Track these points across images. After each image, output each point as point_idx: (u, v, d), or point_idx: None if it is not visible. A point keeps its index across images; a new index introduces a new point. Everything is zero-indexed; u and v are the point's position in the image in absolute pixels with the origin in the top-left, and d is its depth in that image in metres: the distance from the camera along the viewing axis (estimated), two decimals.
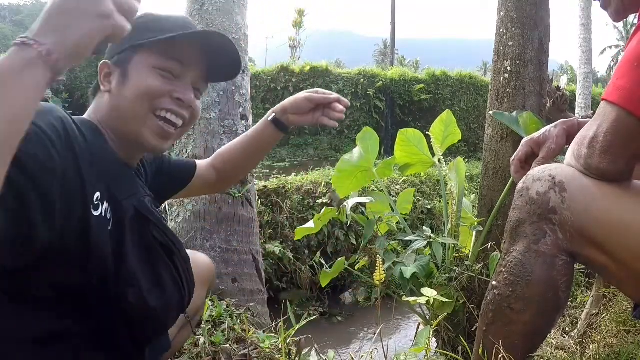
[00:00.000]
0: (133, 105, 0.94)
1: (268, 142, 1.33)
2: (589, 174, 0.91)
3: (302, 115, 1.27)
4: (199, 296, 1.28)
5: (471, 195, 4.93)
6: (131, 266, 0.87)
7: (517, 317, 0.98)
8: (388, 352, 1.43)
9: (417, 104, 11.64)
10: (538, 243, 0.95)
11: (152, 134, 0.96)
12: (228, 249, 2.37)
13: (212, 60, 1.04)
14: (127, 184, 0.95)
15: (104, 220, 0.83)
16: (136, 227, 0.91)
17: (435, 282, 1.70)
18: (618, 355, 1.23)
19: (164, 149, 1.00)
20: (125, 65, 0.95)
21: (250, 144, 1.34)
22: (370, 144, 2.00)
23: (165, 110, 0.96)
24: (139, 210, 0.92)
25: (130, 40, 0.93)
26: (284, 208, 4.49)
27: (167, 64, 0.96)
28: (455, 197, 1.85)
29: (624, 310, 1.46)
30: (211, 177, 1.37)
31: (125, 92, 0.94)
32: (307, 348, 1.56)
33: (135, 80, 0.94)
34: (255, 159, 1.42)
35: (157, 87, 0.94)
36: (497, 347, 0.99)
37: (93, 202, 0.80)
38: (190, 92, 1.00)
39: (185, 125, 1.02)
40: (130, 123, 0.95)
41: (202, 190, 1.48)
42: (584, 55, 8.99)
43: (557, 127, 1.19)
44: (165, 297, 0.93)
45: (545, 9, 1.83)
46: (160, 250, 0.95)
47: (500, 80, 1.84)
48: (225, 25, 2.54)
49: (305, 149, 10.89)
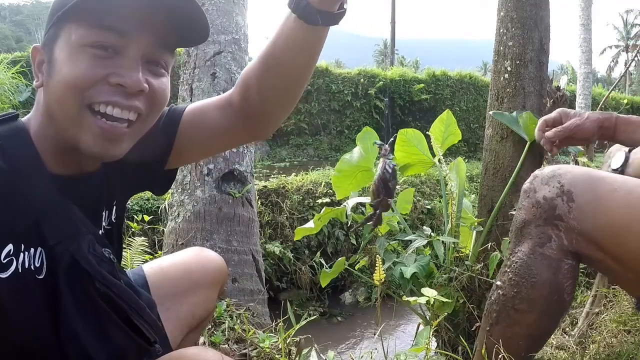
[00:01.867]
0: (61, 103, 0.70)
1: (295, 43, 0.79)
2: None
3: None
4: (209, 298, 1.20)
5: (471, 195, 4.92)
6: (69, 320, 0.72)
7: (521, 318, 0.98)
8: (388, 352, 1.43)
9: (417, 104, 11.64)
10: (543, 246, 0.94)
11: (93, 138, 0.71)
12: (228, 249, 2.38)
13: (169, 19, 0.73)
14: (63, 221, 0.73)
15: (26, 275, 0.68)
16: (74, 277, 0.73)
17: (435, 282, 1.70)
18: (618, 355, 1.23)
19: (118, 153, 0.75)
20: (52, 48, 0.71)
21: (273, 50, 0.81)
22: (370, 144, 2.00)
23: (104, 103, 0.70)
24: (75, 259, 0.73)
25: (56, 11, 0.70)
26: (284, 208, 4.50)
27: (99, 37, 0.68)
28: (455, 197, 1.85)
29: (624, 310, 1.46)
30: (230, 114, 0.91)
31: (51, 85, 0.71)
32: (307, 348, 1.56)
33: (59, 67, 0.69)
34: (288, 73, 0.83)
35: (85, 72, 0.68)
36: (498, 347, 0.99)
37: (1, 261, 0.65)
38: (136, 71, 0.71)
39: (146, 117, 0.76)
40: (64, 126, 0.72)
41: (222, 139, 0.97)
42: (584, 55, 8.99)
43: (594, 114, 1.19)
44: (116, 350, 0.77)
45: (545, 9, 1.83)
46: (103, 304, 0.76)
47: (500, 80, 1.84)
48: (226, 25, 2.54)
49: (305, 149, 10.88)
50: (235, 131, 0.94)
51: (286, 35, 0.77)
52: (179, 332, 1.12)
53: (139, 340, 0.81)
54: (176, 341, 1.10)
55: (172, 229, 2.43)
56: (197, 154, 1.04)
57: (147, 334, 0.82)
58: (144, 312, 0.83)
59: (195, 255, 1.23)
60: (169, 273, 1.15)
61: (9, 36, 58.77)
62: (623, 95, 18.90)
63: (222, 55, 2.51)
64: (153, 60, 0.74)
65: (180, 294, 1.13)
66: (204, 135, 0.94)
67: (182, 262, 1.20)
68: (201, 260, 1.22)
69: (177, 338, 1.11)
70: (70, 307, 0.73)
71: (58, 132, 0.73)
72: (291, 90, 0.87)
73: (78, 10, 0.67)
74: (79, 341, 0.73)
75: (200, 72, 2.51)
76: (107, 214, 0.90)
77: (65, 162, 0.77)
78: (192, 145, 0.94)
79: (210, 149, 1.06)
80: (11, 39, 55.48)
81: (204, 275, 1.19)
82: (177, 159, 0.96)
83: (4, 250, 0.66)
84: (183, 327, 1.13)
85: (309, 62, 0.82)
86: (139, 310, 0.82)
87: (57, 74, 0.70)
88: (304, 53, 0.80)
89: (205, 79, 2.49)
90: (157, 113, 0.79)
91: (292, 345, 1.60)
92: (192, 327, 1.17)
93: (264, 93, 0.86)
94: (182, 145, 0.93)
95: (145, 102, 0.74)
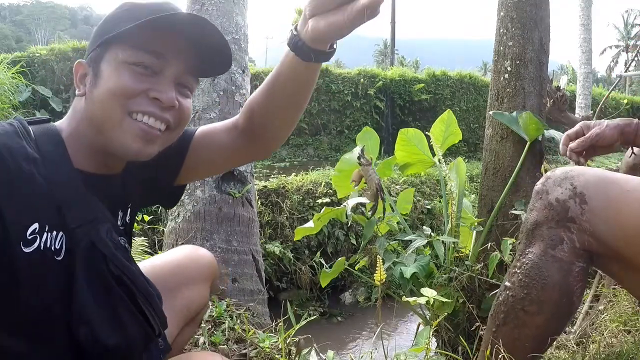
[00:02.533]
0: (105, 108, 0.82)
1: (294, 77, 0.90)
2: None
3: (328, 15, 0.78)
4: (202, 293, 1.25)
5: (471, 196, 4.93)
6: (82, 303, 0.78)
7: (530, 319, 0.98)
8: (388, 352, 1.43)
9: (417, 104, 11.64)
10: (555, 248, 0.94)
11: (133, 137, 0.83)
12: (228, 249, 2.38)
13: (199, 51, 0.87)
14: (84, 208, 0.82)
15: (46, 254, 0.75)
16: (91, 260, 0.80)
17: (435, 282, 1.70)
18: (618, 355, 1.22)
19: (151, 152, 0.86)
20: (98, 64, 0.83)
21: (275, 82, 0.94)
22: (370, 144, 2.00)
23: (142, 113, 0.83)
24: (93, 242, 0.81)
25: (103, 34, 0.83)
26: (284, 208, 4.50)
27: (141, 58, 0.82)
28: (455, 197, 1.85)
29: (624, 310, 1.46)
30: (236, 136, 1.04)
31: (96, 94, 0.83)
32: (307, 348, 1.56)
33: (106, 80, 0.82)
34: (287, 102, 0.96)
35: (129, 85, 0.81)
36: (498, 347, 0.99)
37: (25, 237, 0.72)
38: (171, 90, 0.84)
39: (173, 130, 0.89)
40: (105, 129, 0.83)
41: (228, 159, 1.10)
42: (584, 55, 9.00)
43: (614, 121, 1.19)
44: (126, 336, 0.83)
45: (545, 9, 1.83)
46: (117, 287, 0.83)
47: (500, 80, 1.84)
48: (225, 26, 2.54)
49: (305, 149, 10.88)
50: (240, 151, 1.07)
51: (285, 68, 0.90)
52: (175, 326, 1.15)
53: (147, 328, 0.87)
54: (172, 335, 1.14)
55: (172, 229, 2.43)
56: (204, 171, 1.21)
57: (153, 322, 0.87)
58: (153, 300, 0.89)
59: (187, 252, 1.30)
60: (163, 270, 1.20)
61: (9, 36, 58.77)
62: (623, 95, 18.90)
63: None
64: (182, 83, 0.87)
65: (175, 289, 1.18)
66: (212, 155, 1.06)
67: (175, 259, 1.26)
68: (193, 257, 1.27)
69: (173, 332, 1.15)
70: (85, 289, 0.79)
71: (98, 133, 0.84)
72: (290, 115, 1.00)
73: (126, 36, 0.80)
74: (90, 325, 0.79)
75: None
76: (122, 215, 0.98)
77: (91, 161, 0.86)
78: (201, 164, 1.07)
79: (216, 167, 1.21)
80: (11, 39, 55.48)
81: (196, 271, 1.25)
82: (186, 175, 1.08)
83: (30, 228, 0.73)
84: (179, 321, 1.17)
85: (305, 92, 0.95)
86: (148, 297, 0.88)
87: (104, 84, 0.82)
88: (300, 84, 0.93)
89: (205, 79, 2.49)
90: (182, 127, 0.91)
91: (292, 345, 1.60)
92: (187, 321, 1.21)
93: (267, 117, 0.99)
94: (191, 163, 1.05)
95: (174, 117, 0.87)
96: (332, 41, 0.84)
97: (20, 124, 0.81)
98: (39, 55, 8.42)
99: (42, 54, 8.46)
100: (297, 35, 0.84)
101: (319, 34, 0.80)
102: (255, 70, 11.08)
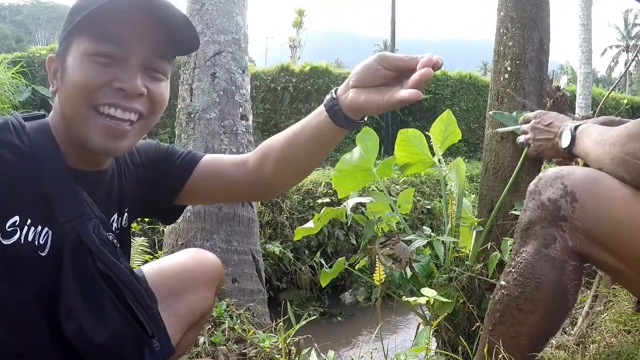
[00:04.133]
0: (72, 104, 0.80)
1: (320, 136, 0.91)
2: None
3: (369, 91, 0.82)
4: (207, 296, 1.23)
5: (471, 195, 4.93)
6: (68, 298, 0.78)
7: (525, 317, 0.99)
8: (388, 352, 1.43)
9: (417, 104, 11.62)
10: (548, 247, 0.96)
11: (99, 135, 0.80)
12: (228, 249, 2.38)
13: (164, 31, 0.83)
14: (73, 203, 0.81)
15: (27, 248, 0.75)
16: (78, 255, 0.80)
17: (435, 282, 1.70)
18: (618, 355, 1.23)
19: (121, 148, 0.84)
20: (65, 58, 0.81)
21: (299, 134, 0.93)
22: (370, 144, 2.00)
23: (108, 105, 0.80)
24: (80, 237, 0.80)
25: (66, 26, 0.81)
26: (284, 208, 4.50)
27: (102, 47, 0.78)
28: (455, 197, 1.85)
29: (624, 310, 1.46)
30: (243, 174, 1.02)
31: (64, 90, 0.81)
32: (307, 348, 1.56)
33: (70, 75, 0.80)
34: (305, 156, 0.96)
35: (91, 78, 0.78)
36: (498, 347, 0.99)
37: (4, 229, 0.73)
38: (136, 78, 0.80)
39: (147, 118, 0.86)
40: (74, 125, 0.82)
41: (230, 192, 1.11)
42: (584, 55, 9.00)
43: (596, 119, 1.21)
44: (115, 334, 0.81)
45: (545, 9, 1.83)
46: (103, 284, 0.82)
47: (500, 80, 1.84)
48: (225, 26, 2.54)
49: None
50: (243, 189, 1.06)
51: (314, 126, 0.91)
52: (178, 330, 1.14)
53: (137, 328, 0.85)
54: (176, 338, 1.13)
55: (172, 229, 2.43)
56: (203, 198, 1.20)
57: (144, 321, 0.86)
58: (142, 298, 0.88)
59: (193, 255, 1.27)
60: (168, 273, 1.18)
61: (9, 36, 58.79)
62: (623, 95, 18.91)
63: (222, 55, 2.52)
64: (152, 68, 0.84)
65: (180, 293, 1.16)
66: (214, 184, 1.05)
67: (180, 262, 1.24)
68: (199, 261, 1.25)
69: (177, 335, 1.13)
70: (71, 284, 0.78)
71: (68, 128, 0.83)
72: (303, 168, 1.01)
73: (85, 25, 0.77)
74: (76, 320, 0.78)
75: (200, 72, 2.51)
76: (118, 218, 0.97)
77: (77, 157, 0.86)
78: (202, 190, 1.06)
79: (215, 197, 1.25)
80: (11, 39, 55.49)
81: (202, 275, 1.23)
82: (186, 197, 1.07)
83: (9, 220, 0.74)
84: (183, 325, 1.16)
85: (325, 151, 0.97)
86: (137, 294, 0.86)
87: (69, 79, 0.80)
88: (323, 143, 0.93)
89: (205, 79, 2.49)
90: (158, 113, 0.88)
91: (292, 345, 1.60)
92: (191, 325, 1.20)
93: (280, 167, 0.98)
94: (192, 186, 1.04)
95: (146, 104, 0.84)
96: (366, 115, 0.87)
97: (15, 119, 0.82)
98: (39, 55, 8.42)
99: (42, 54, 8.46)
100: (335, 99, 0.87)
101: (357, 106, 0.83)
102: (255, 70, 11.08)
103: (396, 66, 0.79)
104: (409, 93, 0.76)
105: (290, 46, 15.88)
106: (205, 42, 2.51)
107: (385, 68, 0.80)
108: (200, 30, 2.54)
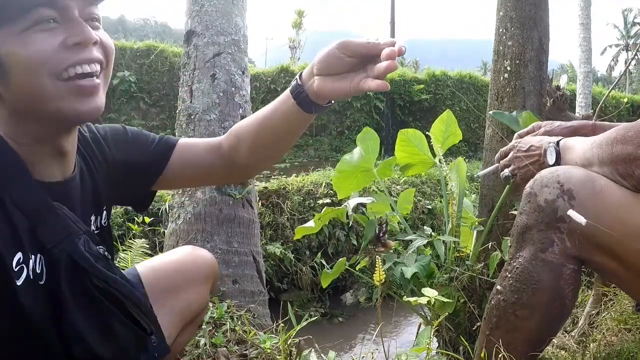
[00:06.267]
0: (32, 89, 0.72)
1: (289, 121, 0.93)
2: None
3: (334, 78, 0.84)
4: (202, 293, 1.23)
5: (472, 195, 4.93)
6: (73, 322, 0.76)
7: (521, 324, 0.97)
8: (389, 353, 1.43)
9: (417, 104, 11.64)
10: (545, 251, 0.93)
11: (72, 101, 0.74)
12: (229, 251, 2.38)
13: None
14: (58, 224, 0.77)
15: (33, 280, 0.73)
16: (74, 277, 0.77)
17: (436, 282, 1.70)
18: (619, 354, 1.23)
19: (97, 106, 0.78)
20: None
21: (269, 120, 0.96)
22: (370, 144, 2.00)
23: (71, 65, 0.74)
24: (73, 258, 0.77)
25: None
26: (285, 209, 4.49)
27: (37, 15, 0.71)
28: (455, 197, 1.85)
29: (624, 309, 1.46)
30: (216, 157, 1.04)
31: (14, 84, 0.73)
32: (307, 349, 1.56)
33: (15, 63, 0.71)
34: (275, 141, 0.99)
35: (42, 48, 0.71)
36: (498, 347, 0.99)
37: (14, 270, 0.69)
38: (85, 27, 0.74)
39: (106, 67, 0.81)
40: (40, 109, 0.74)
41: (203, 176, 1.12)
42: (584, 55, 8.99)
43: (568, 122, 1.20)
44: (119, 346, 0.82)
45: (544, 9, 1.83)
46: (104, 300, 0.80)
47: (500, 80, 1.84)
48: (225, 27, 2.54)
49: (305, 149, 10.89)
50: (217, 172, 1.08)
51: (283, 112, 0.93)
52: (174, 327, 1.14)
53: (138, 330, 0.86)
54: (172, 336, 1.13)
55: (173, 230, 2.43)
56: (180, 182, 1.20)
57: (144, 324, 0.87)
58: (141, 302, 0.88)
59: (187, 253, 1.27)
60: (163, 270, 1.18)
61: None
62: (623, 94, 18.89)
63: (222, 57, 2.52)
64: (90, 17, 0.78)
65: (175, 290, 1.16)
66: (189, 170, 1.06)
67: (175, 259, 1.24)
68: (194, 258, 1.25)
69: (172, 333, 1.13)
70: (72, 307, 0.77)
71: (34, 122, 0.76)
72: (274, 152, 1.04)
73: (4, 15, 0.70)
74: (84, 342, 0.77)
75: (200, 73, 2.51)
76: (96, 219, 0.95)
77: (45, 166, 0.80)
78: (178, 174, 1.06)
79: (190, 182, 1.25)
80: None
81: (197, 272, 1.22)
82: (162, 183, 1.07)
83: (14, 258, 0.70)
84: (178, 322, 1.16)
85: (294, 135, 0.99)
86: (136, 301, 0.86)
87: (16, 68, 0.72)
88: (292, 128, 0.96)
89: (205, 81, 2.50)
90: (112, 60, 0.83)
91: (293, 346, 1.59)
92: (187, 322, 1.20)
93: (253, 150, 1.01)
94: (169, 172, 1.04)
95: (101, 52, 0.79)
96: (333, 100, 0.89)
97: None
98: None
99: None
100: (301, 85, 0.88)
101: (323, 93, 0.86)
102: (255, 71, 11.09)
103: (358, 53, 0.81)
104: (376, 85, 0.80)
105: (290, 47, 15.90)
106: (204, 43, 2.51)
107: (348, 56, 0.82)
108: (200, 32, 2.54)
